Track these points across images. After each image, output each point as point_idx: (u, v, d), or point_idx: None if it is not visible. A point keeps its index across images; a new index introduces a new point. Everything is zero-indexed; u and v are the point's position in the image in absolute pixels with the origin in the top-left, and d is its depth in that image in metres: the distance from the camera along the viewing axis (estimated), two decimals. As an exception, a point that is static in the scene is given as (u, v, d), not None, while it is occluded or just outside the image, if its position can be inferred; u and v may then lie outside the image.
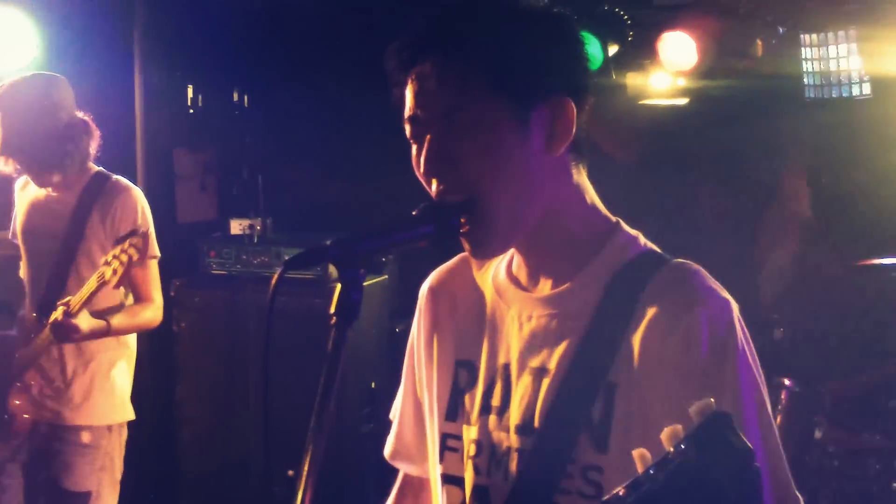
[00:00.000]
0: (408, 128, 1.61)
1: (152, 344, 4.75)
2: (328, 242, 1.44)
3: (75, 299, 3.52)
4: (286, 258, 1.44)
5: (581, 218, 1.63)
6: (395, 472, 1.93)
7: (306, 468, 1.41)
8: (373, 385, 5.25)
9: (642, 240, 1.64)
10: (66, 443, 3.78)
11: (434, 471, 1.75)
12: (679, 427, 1.09)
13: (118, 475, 3.91)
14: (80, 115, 3.79)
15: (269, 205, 5.50)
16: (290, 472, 5.10)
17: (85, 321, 3.55)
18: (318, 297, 4.69)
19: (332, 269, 1.91)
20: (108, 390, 3.84)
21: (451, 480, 1.70)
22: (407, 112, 1.60)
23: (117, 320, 3.70)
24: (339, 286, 1.44)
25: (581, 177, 1.64)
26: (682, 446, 1.07)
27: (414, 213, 1.55)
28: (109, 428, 3.85)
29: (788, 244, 5.26)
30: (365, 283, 1.45)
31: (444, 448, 1.71)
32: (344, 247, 1.44)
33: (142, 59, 5.12)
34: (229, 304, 5.09)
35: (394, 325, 5.30)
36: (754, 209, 5.47)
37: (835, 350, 5.00)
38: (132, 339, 3.92)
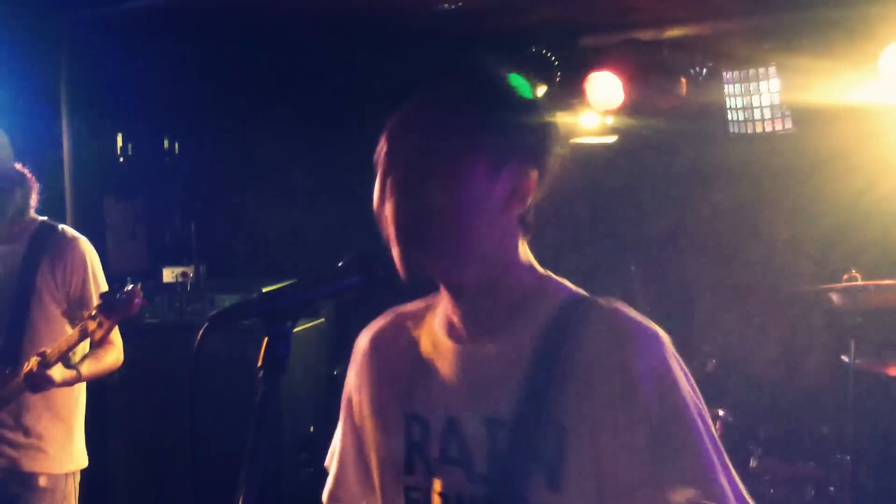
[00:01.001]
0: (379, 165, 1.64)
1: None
2: (254, 296, 1.45)
3: (52, 351, 3.55)
4: (217, 308, 1.44)
5: (517, 274, 1.67)
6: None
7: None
8: (311, 429, 5.21)
9: (570, 286, 1.70)
10: (24, 487, 3.79)
11: None
12: None
13: None
14: (17, 166, 3.80)
15: (201, 252, 5.46)
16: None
17: (58, 372, 3.60)
18: (250, 344, 4.65)
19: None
20: (65, 439, 3.86)
21: None
22: (380, 149, 1.64)
23: (86, 368, 3.73)
24: (265, 341, 1.45)
25: (522, 239, 1.69)
26: None
27: (340, 263, 1.57)
28: (66, 475, 3.87)
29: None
30: (300, 327, 1.46)
31: (408, 499, 1.73)
32: (269, 302, 1.46)
33: (69, 108, 5.07)
34: (162, 354, 5.01)
35: (331, 369, 5.28)
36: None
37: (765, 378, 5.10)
38: (84, 387, 3.93)
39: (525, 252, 1.69)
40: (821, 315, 4.82)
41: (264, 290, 1.50)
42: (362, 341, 1.86)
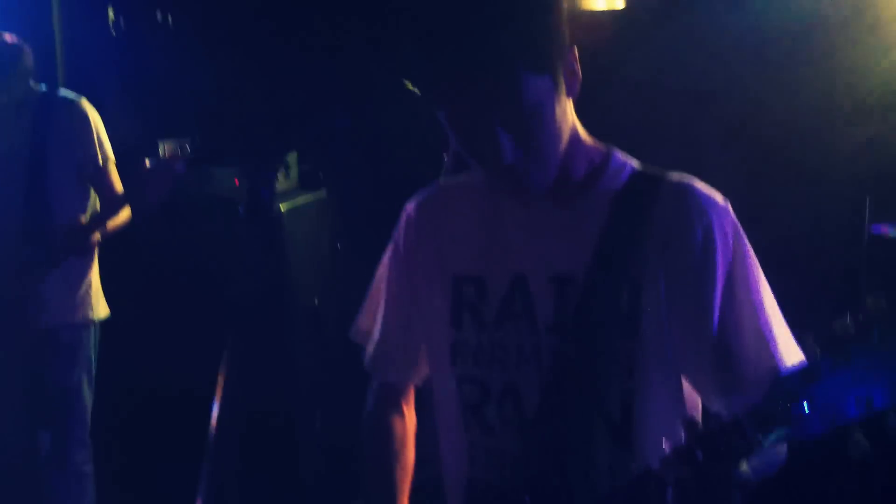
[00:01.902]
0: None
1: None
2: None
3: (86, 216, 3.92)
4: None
5: (584, 148, 1.77)
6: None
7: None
8: (315, 302, 5.22)
9: (635, 161, 1.80)
10: (45, 342, 3.98)
11: (440, 375, 1.89)
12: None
13: (94, 371, 4.16)
14: (7, 37, 3.94)
15: (196, 125, 5.37)
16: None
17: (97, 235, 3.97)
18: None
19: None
20: (81, 291, 4.06)
21: (468, 380, 1.82)
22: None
23: (111, 223, 4.03)
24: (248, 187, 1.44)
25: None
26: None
27: None
28: (86, 326, 4.07)
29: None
30: (301, 201, 1.43)
31: (455, 353, 1.83)
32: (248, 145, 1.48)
33: None
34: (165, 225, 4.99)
35: (334, 242, 5.26)
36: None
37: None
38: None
39: (582, 127, 1.78)
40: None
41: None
42: (409, 210, 1.94)
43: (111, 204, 4.05)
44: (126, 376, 4.61)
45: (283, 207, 4.83)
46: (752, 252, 1.74)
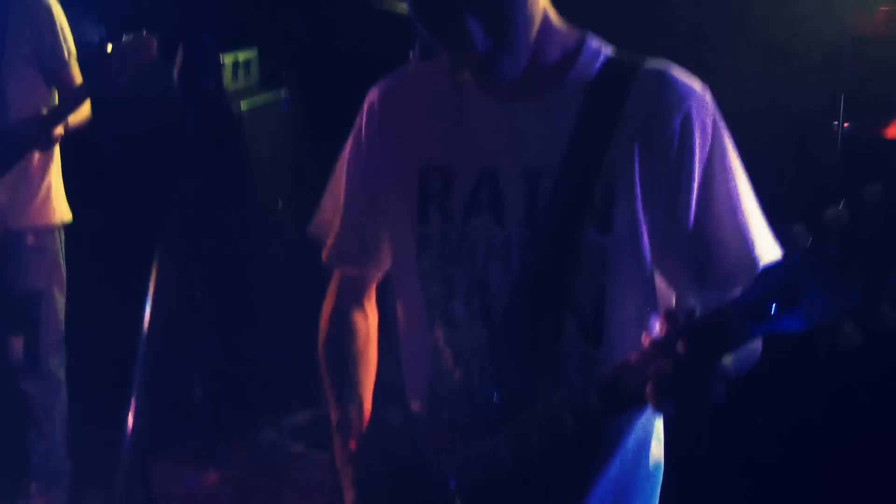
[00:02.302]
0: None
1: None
2: None
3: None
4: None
5: (556, 34, 1.69)
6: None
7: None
8: (279, 205, 5.13)
9: (610, 48, 1.71)
10: (11, 246, 3.89)
11: (403, 271, 1.82)
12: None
13: (64, 274, 4.07)
14: None
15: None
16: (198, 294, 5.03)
17: (60, 129, 3.80)
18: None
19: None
20: (44, 192, 3.94)
21: (433, 276, 1.76)
22: None
23: (71, 119, 3.86)
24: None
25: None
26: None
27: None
28: (52, 229, 3.98)
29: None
30: (261, 100, 1.32)
31: (420, 248, 1.76)
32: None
33: None
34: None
35: (296, 144, 5.14)
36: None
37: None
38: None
39: (554, 12, 1.70)
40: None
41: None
42: (372, 97, 1.85)
43: (72, 98, 3.90)
44: (97, 281, 4.55)
45: (243, 106, 4.70)
46: (731, 142, 1.66)
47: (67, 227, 4.10)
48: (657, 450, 1.83)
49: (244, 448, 4.84)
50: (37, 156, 3.88)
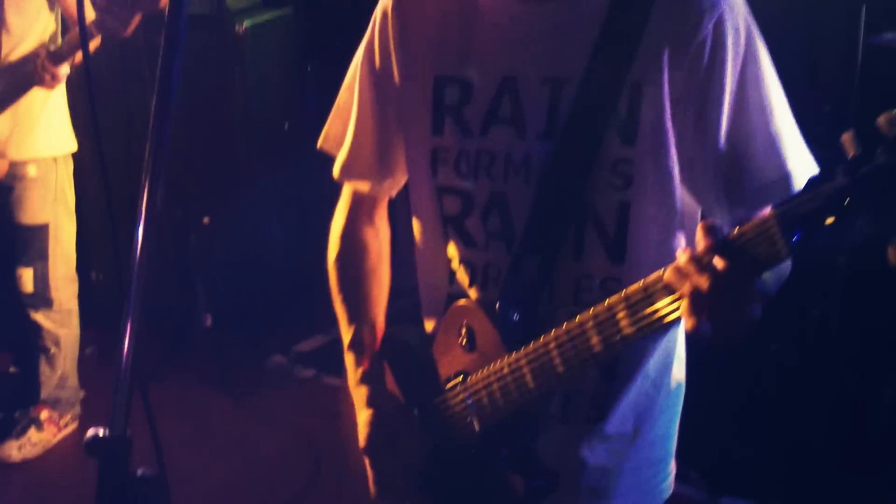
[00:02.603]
0: None
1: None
2: None
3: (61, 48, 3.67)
4: None
5: None
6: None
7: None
8: (286, 126, 5.05)
9: None
10: (14, 179, 3.84)
11: (418, 186, 1.75)
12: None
13: (72, 206, 4.04)
14: None
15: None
16: (206, 220, 4.98)
17: (65, 68, 3.69)
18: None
19: None
20: (46, 123, 3.86)
21: (449, 191, 1.69)
22: None
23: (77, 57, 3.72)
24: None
25: None
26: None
27: None
28: (55, 160, 3.91)
29: None
30: (265, 18, 1.23)
31: (435, 161, 1.69)
32: None
33: None
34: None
35: (303, 64, 5.03)
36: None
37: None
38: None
39: None
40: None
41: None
42: (384, 4, 1.76)
43: (81, 30, 3.78)
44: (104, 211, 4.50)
45: (246, 24, 4.59)
46: (765, 50, 1.56)
47: (77, 157, 4.04)
48: (679, 371, 1.78)
49: (253, 373, 4.83)
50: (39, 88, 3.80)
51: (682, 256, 1.34)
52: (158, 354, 4.95)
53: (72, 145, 4.00)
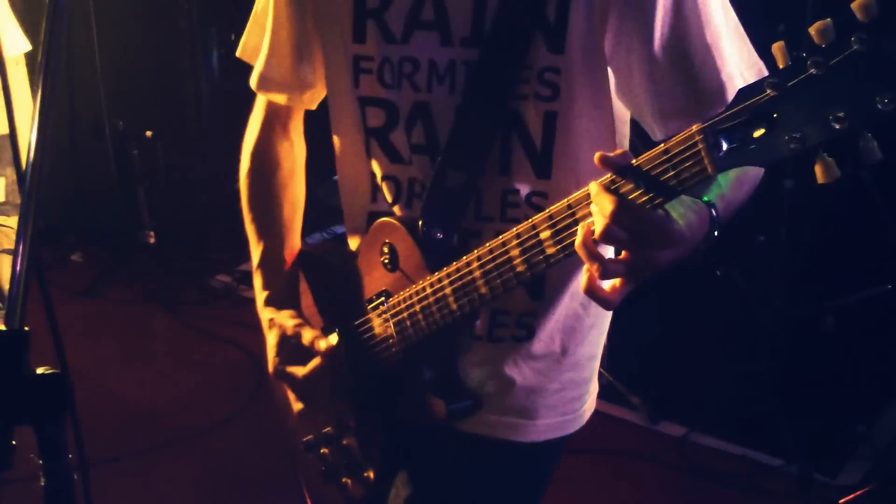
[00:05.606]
0: None
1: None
2: None
3: None
4: None
5: None
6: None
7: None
8: (232, 38, 4.91)
9: None
10: None
11: (339, 97, 1.66)
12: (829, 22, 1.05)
13: (34, 112, 3.90)
14: None
15: None
16: (148, 134, 4.86)
17: None
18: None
19: None
20: None
21: (371, 102, 1.61)
22: None
23: None
24: None
25: None
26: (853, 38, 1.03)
27: None
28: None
29: None
30: None
31: (357, 70, 1.60)
32: None
33: None
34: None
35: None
36: None
37: None
38: None
39: None
40: None
41: None
42: None
43: None
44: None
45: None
46: None
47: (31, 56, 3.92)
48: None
49: (197, 291, 4.78)
50: None
51: (606, 171, 1.25)
52: (100, 271, 4.87)
53: (22, 45, 3.91)
